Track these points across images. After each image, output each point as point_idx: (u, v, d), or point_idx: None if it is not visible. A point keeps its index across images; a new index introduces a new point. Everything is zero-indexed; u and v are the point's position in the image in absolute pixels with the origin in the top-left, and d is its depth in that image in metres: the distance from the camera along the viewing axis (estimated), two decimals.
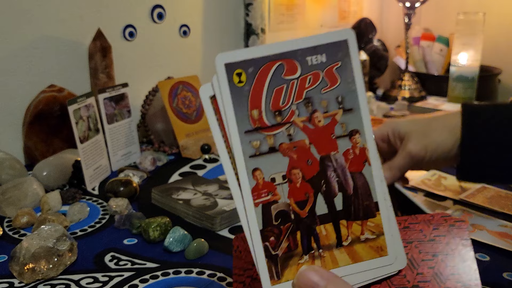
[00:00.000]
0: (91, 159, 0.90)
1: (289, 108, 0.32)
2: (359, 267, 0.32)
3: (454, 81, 1.41)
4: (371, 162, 0.33)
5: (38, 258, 0.59)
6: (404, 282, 0.33)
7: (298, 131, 0.32)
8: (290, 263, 0.32)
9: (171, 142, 1.11)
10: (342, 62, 0.32)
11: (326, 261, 0.32)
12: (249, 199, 0.32)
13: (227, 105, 0.31)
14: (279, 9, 1.53)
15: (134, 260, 0.64)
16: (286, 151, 0.32)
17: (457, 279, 0.33)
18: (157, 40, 1.23)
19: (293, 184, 0.32)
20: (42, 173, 0.87)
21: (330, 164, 0.32)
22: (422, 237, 0.35)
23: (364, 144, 0.33)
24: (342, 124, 0.32)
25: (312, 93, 0.32)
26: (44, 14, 1.01)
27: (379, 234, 0.33)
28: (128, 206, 0.78)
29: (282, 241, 0.32)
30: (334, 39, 0.32)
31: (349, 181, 0.33)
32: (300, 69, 0.32)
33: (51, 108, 0.98)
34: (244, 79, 0.31)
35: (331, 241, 0.32)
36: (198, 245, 0.65)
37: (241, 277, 0.36)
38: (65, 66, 1.06)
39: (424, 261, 0.34)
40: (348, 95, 0.32)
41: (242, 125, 0.31)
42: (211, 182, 0.86)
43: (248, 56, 0.31)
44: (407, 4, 1.50)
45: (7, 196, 0.77)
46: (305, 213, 0.32)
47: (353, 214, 0.33)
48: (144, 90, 1.18)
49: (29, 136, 0.97)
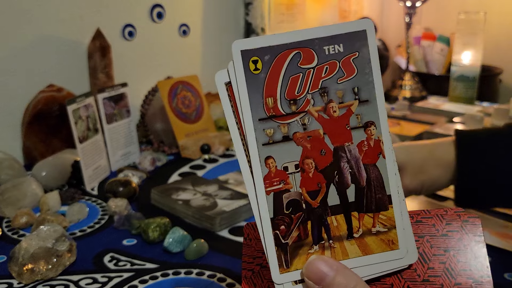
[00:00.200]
0: (90, 159, 0.89)
1: (304, 97, 0.32)
2: (369, 260, 0.32)
3: (455, 81, 1.41)
4: (386, 155, 0.32)
5: (37, 258, 0.58)
6: (415, 276, 0.33)
7: (313, 121, 0.32)
8: (300, 252, 0.32)
9: (170, 142, 1.11)
10: (359, 52, 0.32)
11: (336, 252, 0.32)
12: (261, 187, 0.31)
13: (242, 92, 0.31)
14: (279, 8, 1.53)
15: (133, 261, 0.64)
16: (300, 141, 0.32)
17: (468, 275, 0.33)
18: (156, 39, 1.23)
19: (305, 173, 0.32)
20: (41, 173, 0.86)
21: (343, 155, 0.32)
22: (434, 231, 0.34)
23: (379, 136, 0.32)
24: (357, 115, 0.32)
25: (328, 83, 0.32)
26: (43, 13, 1.00)
27: (390, 227, 0.32)
28: (128, 206, 0.78)
29: (292, 230, 0.32)
30: (352, 29, 0.31)
31: (363, 173, 0.32)
32: (317, 58, 0.31)
33: (50, 108, 0.98)
34: (260, 67, 0.31)
35: (342, 232, 0.32)
36: (197, 245, 0.64)
37: (250, 264, 0.36)
38: (64, 66, 1.06)
39: (436, 255, 0.34)
40: (365, 86, 0.32)
41: (256, 113, 0.31)
42: (210, 183, 0.85)
43: (265, 44, 0.31)
44: (407, 4, 1.49)
45: (6, 196, 0.77)
46: (316, 203, 0.32)
47: (365, 206, 0.32)
48: (144, 90, 1.18)
49: (28, 136, 0.97)
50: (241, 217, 0.75)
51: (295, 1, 1.57)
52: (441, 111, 1.32)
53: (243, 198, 0.78)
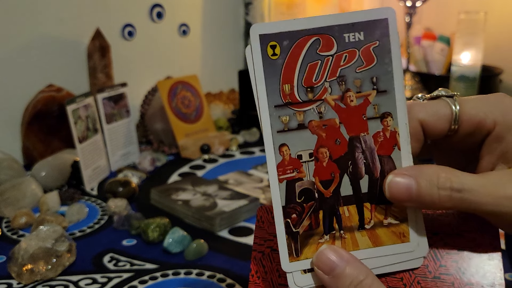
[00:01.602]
0: (90, 159, 0.89)
1: (321, 85, 0.31)
2: (379, 251, 0.32)
3: (455, 81, 1.40)
4: (401, 147, 0.32)
5: (37, 259, 0.58)
6: (426, 272, 0.33)
7: (329, 109, 0.31)
8: (310, 241, 0.31)
9: (170, 142, 1.11)
10: (380, 41, 0.31)
11: (347, 243, 0.32)
12: (274, 174, 0.31)
13: (259, 78, 0.30)
14: (279, 8, 1.53)
15: (133, 261, 0.64)
16: (315, 129, 0.31)
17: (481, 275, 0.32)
18: (156, 39, 1.23)
19: (319, 163, 0.31)
20: (41, 173, 0.86)
21: (358, 145, 0.32)
22: (449, 230, 0.34)
23: (396, 128, 0.31)
24: (374, 106, 0.31)
25: (347, 72, 0.31)
26: (42, 13, 1.00)
27: (402, 219, 0.32)
28: (127, 206, 0.78)
29: (304, 219, 0.31)
30: (373, 17, 0.31)
31: (377, 164, 0.32)
32: (336, 45, 0.31)
33: (49, 108, 0.97)
34: (278, 52, 0.30)
35: (353, 223, 0.32)
36: (197, 246, 0.64)
37: (261, 246, 0.36)
38: (63, 66, 1.06)
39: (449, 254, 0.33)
40: (384, 76, 0.31)
41: (272, 99, 0.31)
42: (210, 183, 0.85)
43: (284, 29, 0.30)
44: (408, 3, 1.49)
45: (6, 197, 0.77)
46: (329, 193, 0.32)
47: (377, 198, 0.32)
48: (143, 90, 1.18)
49: (28, 136, 0.97)
50: (241, 218, 0.75)
51: (295, 1, 1.57)
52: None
53: (243, 199, 0.77)
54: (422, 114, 0.33)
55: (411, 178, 0.30)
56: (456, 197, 0.29)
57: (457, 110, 0.33)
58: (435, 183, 0.30)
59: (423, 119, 0.33)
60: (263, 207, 0.37)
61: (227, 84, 1.42)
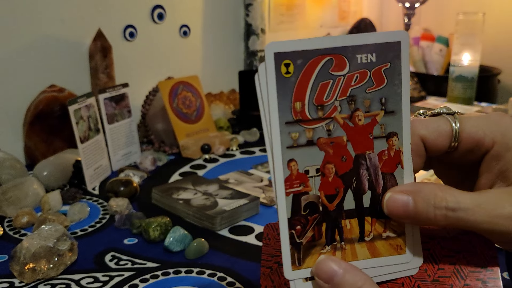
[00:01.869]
0: (91, 159, 0.90)
1: (332, 104, 0.32)
2: (376, 262, 0.33)
3: (454, 81, 1.41)
4: (404, 166, 0.33)
5: (39, 257, 0.59)
6: (425, 276, 0.34)
7: (338, 127, 0.32)
8: (312, 251, 0.33)
9: (171, 142, 1.12)
10: (391, 63, 0.32)
11: (347, 253, 0.33)
12: (282, 188, 0.32)
13: (272, 95, 0.31)
14: (279, 9, 1.53)
15: (134, 260, 0.64)
16: (323, 146, 0.32)
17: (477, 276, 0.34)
18: (157, 40, 1.23)
19: (325, 178, 0.33)
20: (43, 173, 0.87)
21: (363, 163, 0.33)
22: (445, 234, 0.35)
23: (400, 147, 0.33)
24: (381, 125, 0.32)
25: (357, 92, 0.32)
26: (44, 14, 1.01)
27: (400, 233, 0.33)
28: (129, 206, 0.78)
29: (307, 230, 0.33)
30: (387, 39, 0.32)
31: (380, 181, 0.33)
32: (348, 66, 0.32)
33: (51, 108, 0.98)
34: (292, 70, 0.31)
35: (354, 235, 0.33)
36: (198, 245, 0.65)
37: (269, 262, 0.37)
38: (65, 66, 1.06)
39: (446, 257, 0.34)
40: (392, 98, 0.32)
41: (283, 116, 0.32)
42: (211, 182, 0.86)
43: (299, 48, 0.31)
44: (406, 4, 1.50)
45: (8, 196, 0.77)
46: (333, 206, 0.33)
47: (378, 212, 0.33)
48: (145, 90, 1.18)
49: (30, 136, 0.97)
50: (241, 217, 0.75)
51: (295, 2, 1.57)
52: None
53: (243, 198, 0.78)
54: (423, 130, 0.34)
55: (408, 196, 0.31)
56: (451, 216, 0.30)
57: (457, 128, 0.33)
58: (431, 202, 0.31)
59: (424, 135, 0.34)
60: (269, 225, 0.39)
61: (227, 84, 1.43)
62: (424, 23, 1.82)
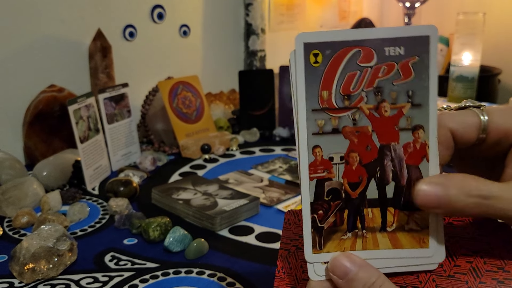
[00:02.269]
0: (91, 159, 0.90)
1: (358, 94, 0.32)
2: (398, 253, 0.33)
3: (454, 81, 1.41)
4: (430, 159, 0.33)
5: (38, 258, 0.59)
6: (440, 271, 0.34)
7: (363, 117, 0.33)
8: (333, 237, 0.33)
9: (171, 142, 1.12)
10: (419, 57, 0.32)
11: (368, 242, 0.33)
12: (306, 172, 0.33)
13: (300, 83, 0.32)
14: (279, 9, 1.53)
15: (134, 260, 0.64)
16: (348, 134, 0.33)
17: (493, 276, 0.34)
18: (157, 40, 1.23)
19: (349, 166, 0.33)
20: (42, 173, 0.87)
21: (388, 153, 0.33)
22: (465, 234, 0.35)
23: (426, 140, 0.33)
24: (407, 118, 0.33)
25: (384, 83, 0.32)
26: (44, 14, 1.01)
27: (424, 227, 0.33)
28: (128, 206, 0.78)
29: (329, 215, 0.33)
30: (416, 33, 0.32)
31: (404, 173, 0.33)
32: (376, 58, 0.32)
33: (51, 108, 0.98)
34: (320, 60, 0.32)
35: (375, 224, 0.33)
36: (198, 245, 0.65)
37: (287, 245, 0.38)
38: (65, 66, 1.06)
39: (464, 255, 0.35)
40: (419, 91, 0.32)
41: (310, 103, 0.32)
42: (211, 182, 0.86)
43: (328, 39, 0.32)
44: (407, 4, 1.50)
45: (7, 196, 0.77)
46: (356, 194, 0.33)
47: (402, 204, 0.33)
48: (144, 90, 1.18)
49: (29, 136, 0.97)
50: (241, 217, 0.75)
51: (295, 2, 1.57)
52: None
53: (243, 198, 0.78)
54: (451, 123, 0.34)
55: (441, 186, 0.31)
56: (484, 204, 0.31)
57: (485, 120, 0.34)
58: (464, 190, 0.31)
59: (453, 127, 0.34)
60: (291, 211, 0.39)
61: (227, 84, 1.43)
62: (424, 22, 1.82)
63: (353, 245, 0.33)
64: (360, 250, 0.33)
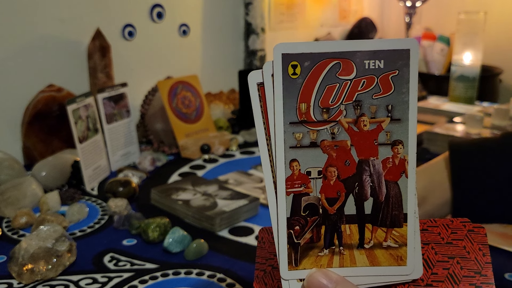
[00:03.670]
0: (90, 159, 0.90)
1: (337, 107, 0.32)
2: (375, 271, 0.33)
3: (455, 81, 1.41)
4: (409, 175, 0.33)
5: (37, 258, 0.58)
6: (418, 281, 0.34)
7: (342, 131, 0.32)
8: (310, 253, 0.33)
9: (170, 142, 1.11)
10: (400, 71, 0.32)
11: (345, 259, 0.33)
12: (283, 187, 0.32)
13: (277, 94, 0.32)
14: (279, 8, 1.53)
15: (133, 261, 0.64)
16: (327, 148, 0.32)
17: (470, 281, 0.34)
18: (156, 39, 1.23)
19: (327, 181, 0.33)
20: (41, 173, 0.86)
21: (367, 169, 0.33)
22: (439, 239, 0.35)
23: (405, 156, 0.33)
24: (387, 133, 0.32)
25: (363, 97, 0.32)
26: (43, 13, 1.00)
27: (402, 244, 0.33)
28: (128, 206, 0.78)
29: (306, 231, 0.33)
30: (396, 46, 0.32)
31: (383, 188, 0.33)
32: (356, 71, 0.32)
33: (50, 108, 0.98)
34: (299, 72, 0.32)
35: (353, 241, 0.33)
36: (197, 245, 0.64)
37: (263, 265, 0.38)
38: (64, 66, 1.06)
39: (440, 262, 0.35)
40: (399, 105, 0.32)
41: (288, 116, 0.32)
42: (210, 183, 0.85)
43: (307, 50, 0.31)
44: (408, 4, 1.49)
45: (6, 197, 0.77)
46: (333, 210, 0.33)
47: (380, 221, 0.33)
48: (144, 90, 1.18)
49: (28, 136, 0.97)
50: (241, 217, 0.75)
51: (295, 1, 1.57)
52: (441, 111, 1.32)
53: (243, 198, 0.78)
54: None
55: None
56: None
57: None
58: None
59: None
60: (264, 229, 0.39)
61: (227, 84, 1.43)
62: (425, 22, 1.81)
63: (330, 262, 0.33)
64: (337, 267, 0.33)
